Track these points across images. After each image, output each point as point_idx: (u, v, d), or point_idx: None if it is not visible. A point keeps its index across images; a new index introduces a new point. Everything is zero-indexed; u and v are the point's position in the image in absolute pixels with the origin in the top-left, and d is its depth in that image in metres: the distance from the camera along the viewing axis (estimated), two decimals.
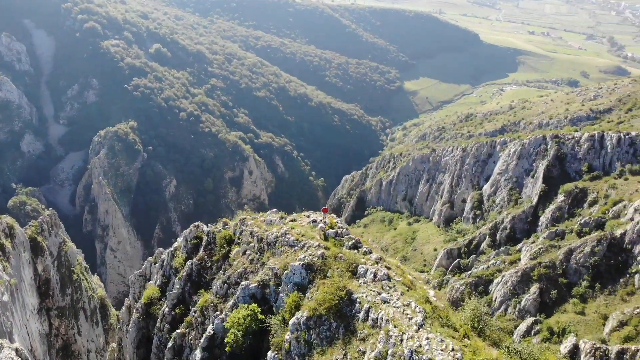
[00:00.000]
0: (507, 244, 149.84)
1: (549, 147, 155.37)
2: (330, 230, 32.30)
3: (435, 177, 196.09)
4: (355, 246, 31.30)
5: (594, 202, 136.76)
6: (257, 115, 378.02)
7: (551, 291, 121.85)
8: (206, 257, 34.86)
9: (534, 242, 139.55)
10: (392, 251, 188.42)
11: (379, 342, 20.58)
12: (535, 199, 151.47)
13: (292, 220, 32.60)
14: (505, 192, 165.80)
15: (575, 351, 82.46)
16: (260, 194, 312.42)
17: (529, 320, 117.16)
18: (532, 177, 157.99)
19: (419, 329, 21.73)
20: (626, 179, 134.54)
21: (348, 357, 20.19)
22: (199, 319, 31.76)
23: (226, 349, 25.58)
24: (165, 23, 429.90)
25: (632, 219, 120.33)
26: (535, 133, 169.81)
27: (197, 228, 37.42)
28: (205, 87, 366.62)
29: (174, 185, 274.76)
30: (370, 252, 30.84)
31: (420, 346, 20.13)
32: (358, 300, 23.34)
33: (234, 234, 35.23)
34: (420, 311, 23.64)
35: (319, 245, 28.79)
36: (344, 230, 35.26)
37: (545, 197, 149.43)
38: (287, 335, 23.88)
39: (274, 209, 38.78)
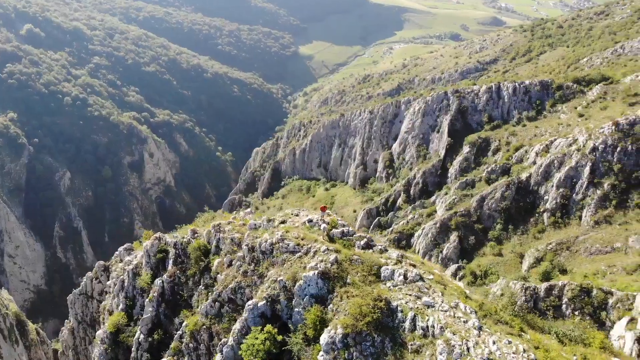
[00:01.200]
0: (422, 198, 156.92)
1: (450, 102, 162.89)
2: (335, 230, 29.90)
3: (346, 141, 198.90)
4: (369, 245, 29.33)
5: (497, 150, 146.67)
6: (150, 92, 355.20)
7: (469, 238, 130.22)
8: (178, 272, 31.04)
9: (446, 193, 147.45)
10: None
11: (440, 354, 19.32)
12: (442, 153, 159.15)
13: (282, 222, 29.80)
14: (413, 149, 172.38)
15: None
16: (165, 177, 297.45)
17: (453, 267, 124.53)
18: (438, 132, 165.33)
19: (479, 332, 20.78)
20: (524, 126, 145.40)
21: None
22: (191, 345, 28.33)
23: None
24: (34, 0, 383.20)
25: (534, 162, 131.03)
26: (438, 89, 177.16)
27: (159, 240, 32.85)
28: (89, 67, 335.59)
29: (68, 178, 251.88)
30: (386, 250, 29.01)
31: (491, 352, 19.19)
32: (399, 308, 21.70)
33: (209, 243, 31.71)
34: (471, 312, 22.62)
35: (327, 249, 26.39)
36: (349, 228, 33.06)
37: (452, 150, 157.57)
38: (321, 357, 21.78)
39: (248, 210, 35.64)
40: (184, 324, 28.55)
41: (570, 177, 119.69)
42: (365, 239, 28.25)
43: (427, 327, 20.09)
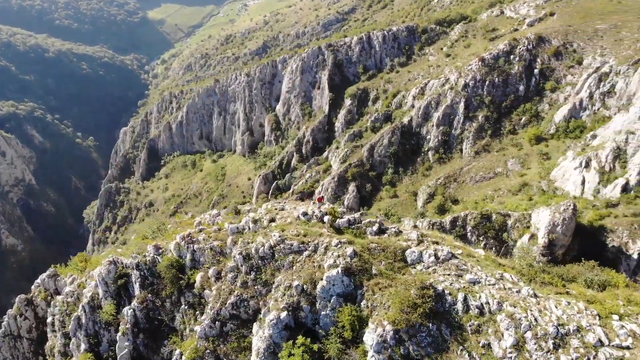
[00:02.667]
0: (314, 155, 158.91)
1: (326, 57, 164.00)
2: (341, 220, 27.74)
3: (227, 108, 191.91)
4: (382, 230, 27.63)
5: (376, 99, 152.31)
6: None
7: (366, 186, 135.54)
8: (150, 296, 26.88)
9: (337, 147, 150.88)
10: (206, 193, 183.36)
11: (507, 329, 19.18)
12: (326, 109, 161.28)
13: (271, 221, 26.72)
14: (297, 108, 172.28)
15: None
16: (24, 175, 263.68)
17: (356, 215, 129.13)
18: (318, 88, 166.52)
19: (537, 300, 20.89)
20: (397, 72, 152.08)
21: (474, 355, 18.38)
22: None
23: None
24: None
25: (413, 106, 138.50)
26: (312, 45, 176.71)
27: (114, 265, 27.79)
28: None
29: None
30: (400, 232, 27.62)
31: (559, 318, 19.53)
32: (446, 291, 21.00)
33: (181, 257, 27.75)
34: (518, 280, 22.73)
35: (340, 243, 24.36)
36: (355, 215, 30.81)
37: (335, 105, 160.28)
38: (372, 357, 20.36)
39: (216, 211, 31.47)
40: (176, 352, 25.20)
41: (448, 114, 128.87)
42: (376, 224, 26.81)
43: (482, 304, 20.02)
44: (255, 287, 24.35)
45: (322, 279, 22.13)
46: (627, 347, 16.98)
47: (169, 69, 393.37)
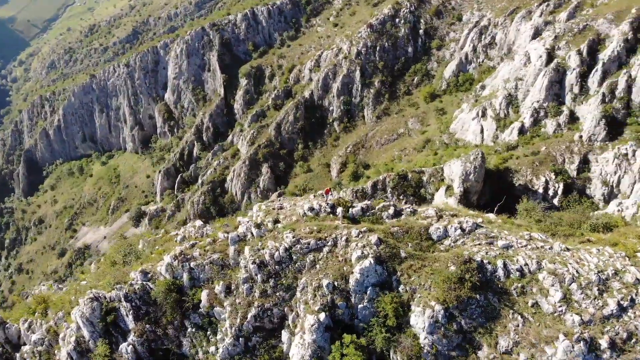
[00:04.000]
0: (217, 141, 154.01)
1: (212, 37, 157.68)
2: (354, 209, 26.29)
3: (109, 104, 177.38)
4: (397, 212, 26.61)
5: (272, 76, 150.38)
6: None
7: (279, 165, 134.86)
8: (149, 326, 23.64)
9: (241, 130, 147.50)
10: (102, 199, 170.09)
11: (552, 286, 19.86)
12: (222, 91, 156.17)
13: (275, 222, 24.52)
14: (189, 94, 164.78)
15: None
16: None
17: (274, 195, 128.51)
18: (209, 71, 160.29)
19: (571, 252, 21.77)
20: (289, 46, 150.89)
21: (525, 315, 18.89)
22: None
23: None
24: None
25: (311, 79, 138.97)
26: (194, 26, 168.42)
27: (97, 301, 23.75)
28: None
29: None
30: (415, 211, 26.96)
31: (597, 266, 20.59)
32: (484, 261, 21.29)
33: (177, 278, 24.70)
34: (545, 237, 23.43)
35: (361, 232, 23.41)
36: (367, 202, 29.12)
37: (230, 86, 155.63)
38: (425, 339, 20.09)
39: (200, 222, 28.00)
40: None
41: (346, 84, 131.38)
42: (391, 207, 26.13)
43: (521, 267, 20.72)
44: (277, 294, 23.03)
45: (353, 273, 21.59)
46: None
47: (29, 70, 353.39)
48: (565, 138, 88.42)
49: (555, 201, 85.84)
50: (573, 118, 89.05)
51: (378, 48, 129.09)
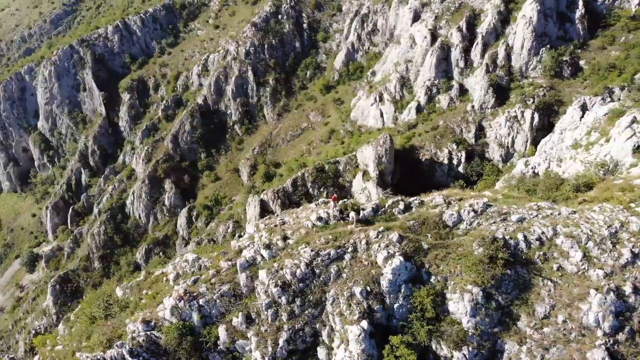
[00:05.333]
0: (107, 164, 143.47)
1: (82, 54, 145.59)
2: (365, 211, 24.98)
3: None
4: (407, 207, 25.71)
5: (157, 86, 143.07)
6: None
7: (183, 178, 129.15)
8: None
9: (133, 148, 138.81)
10: None
11: (571, 247, 20.89)
12: (103, 110, 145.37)
13: (284, 239, 22.26)
14: (66, 118, 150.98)
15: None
16: None
17: (184, 211, 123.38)
18: (85, 90, 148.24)
19: (578, 214, 22.94)
20: (169, 54, 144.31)
21: (554, 280, 19.71)
22: None
23: None
24: None
25: (201, 85, 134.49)
26: (59, 45, 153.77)
27: None
28: None
29: None
30: (423, 202, 26.09)
31: (606, 223, 22.09)
32: (506, 237, 21.66)
33: (186, 320, 21.83)
34: (552, 205, 24.26)
35: (380, 232, 22.52)
36: (376, 202, 27.56)
37: (112, 103, 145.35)
38: (468, 322, 20.03)
39: (193, 255, 24.51)
40: None
41: (240, 85, 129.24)
42: (401, 202, 25.60)
43: (539, 236, 21.91)
44: (306, 312, 21.96)
45: (383, 274, 21.31)
46: None
47: None
48: (459, 110, 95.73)
49: (460, 169, 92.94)
50: (463, 90, 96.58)
51: (266, 46, 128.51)
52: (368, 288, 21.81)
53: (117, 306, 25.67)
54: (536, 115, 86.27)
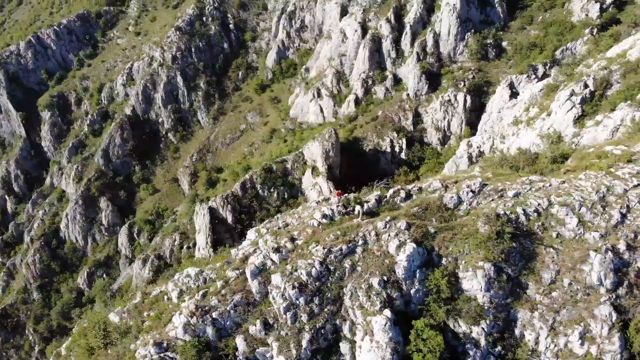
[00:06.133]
0: (34, 188, 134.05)
1: None
2: (368, 203, 24.58)
3: None
4: (408, 194, 25.55)
5: (80, 101, 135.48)
6: None
7: (119, 194, 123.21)
8: None
9: (60, 169, 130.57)
10: None
11: (567, 215, 21.69)
12: (22, 131, 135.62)
13: (291, 240, 21.29)
14: None
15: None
16: None
17: (124, 229, 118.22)
18: (1, 112, 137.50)
19: (567, 184, 24.11)
20: (89, 66, 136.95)
21: (555, 246, 20.67)
22: None
23: None
24: None
25: (127, 95, 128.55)
26: None
27: None
28: None
29: None
30: (421, 188, 26.01)
31: (592, 187, 23.62)
32: (507, 212, 22.41)
33: (201, 335, 20.39)
34: (542, 178, 25.16)
35: (387, 222, 22.40)
36: (377, 193, 26.78)
37: (32, 123, 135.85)
38: (484, 297, 20.53)
39: (195, 269, 22.60)
40: None
41: (170, 92, 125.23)
42: (402, 191, 25.57)
43: (536, 208, 22.88)
44: (326, 310, 21.83)
45: (397, 262, 21.64)
46: (637, 172, 24.16)
47: None
48: (395, 99, 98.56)
49: (403, 155, 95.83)
50: (397, 80, 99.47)
51: (193, 49, 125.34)
52: (385, 277, 22.15)
53: (115, 333, 24.26)
54: (468, 98, 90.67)
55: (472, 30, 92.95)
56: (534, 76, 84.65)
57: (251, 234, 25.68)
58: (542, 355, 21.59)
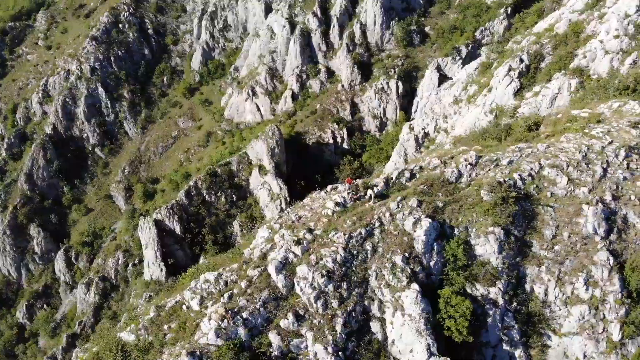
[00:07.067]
0: None
1: None
2: (378, 186, 24.65)
3: None
4: (411, 174, 25.84)
5: None
6: None
7: (50, 219, 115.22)
8: None
9: None
10: None
11: (557, 175, 23.53)
12: None
13: (309, 231, 20.87)
14: None
15: None
16: None
17: (60, 254, 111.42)
18: None
19: (553, 147, 25.97)
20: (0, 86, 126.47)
21: (551, 204, 22.47)
22: None
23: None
24: None
25: (45, 113, 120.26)
26: None
27: None
28: None
29: None
30: (422, 167, 26.25)
31: (574, 147, 25.56)
32: (505, 179, 23.76)
33: (234, 337, 19.43)
34: (529, 145, 26.73)
35: (398, 202, 22.71)
36: (384, 176, 26.46)
37: None
38: (497, 259, 21.69)
39: (213, 274, 20.81)
40: None
41: (92, 105, 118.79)
42: (407, 172, 25.97)
43: (529, 172, 24.49)
44: (354, 293, 22.27)
45: (415, 238, 22.64)
46: (608, 131, 26.81)
47: None
48: (331, 91, 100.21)
49: (345, 145, 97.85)
50: (330, 72, 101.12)
51: (113, 58, 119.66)
52: (406, 254, 23.16)
53: (135, 351, 23.35)
54: (400, 84, 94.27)
55: (396, 19, 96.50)
56: (458, 57, 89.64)
57: (263, 232, 25.67)
58: (552, 304, 23.70)
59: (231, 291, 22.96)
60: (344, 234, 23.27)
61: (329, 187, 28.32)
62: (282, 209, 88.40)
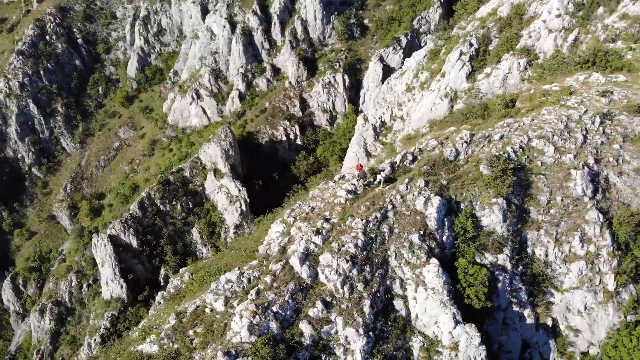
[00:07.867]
0: None
1: None
2: (385, 171, 24.86)
3: None
4: (414, 157, 26.25)
5: None
6: None
7: None
8: None
9: None
10: None
11: (545, 145, 25.30)
12: None
13: (326, 221, 20.82)
14: None
15: None
16: None
17: (7, 283, 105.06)
18: None
19: (537, 119, 27.57)
20: None
21: (543, 172, 24.19)
22: None
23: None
24: None
25: None
26: None
27: None
28: None
29: None
30: (421, 149, 26.65)
31: (556, 117, 27.41)
32: (500, 152, 25.16)
33: (265, 332, 18.75)
34: (515, 119, 27.84)
35: (406, 184, 23.31)
36: (389, 160, 26.38)
37: None
38: (502, 228, 23.05)
39: (235, 273, 19.83)
40: None
41: (24, 123, 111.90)
42: (408, 154, 26.48)
43: (519, 144, 26.06)
44: (377, 274, 22.92)
45: (427, 216, 23.63)
46: (581, 101, 29.25)
47: None
48: (279, 89, 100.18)
49: (299, 141, 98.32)
50: (276, 70, 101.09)
51: (43, 72, 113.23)
52: (421, 232, 24.26)
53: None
54: (346, 77, 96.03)
55: (336, 13, 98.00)
56: (399, 47, 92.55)
57: (277, 227, 25.84)
58: (553, 264, 25.74)
59: (257, 287, 23.06)
60: (361, 219, 24.00)
61: (336, 177, 28.94)
62: (242, 212, 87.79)
